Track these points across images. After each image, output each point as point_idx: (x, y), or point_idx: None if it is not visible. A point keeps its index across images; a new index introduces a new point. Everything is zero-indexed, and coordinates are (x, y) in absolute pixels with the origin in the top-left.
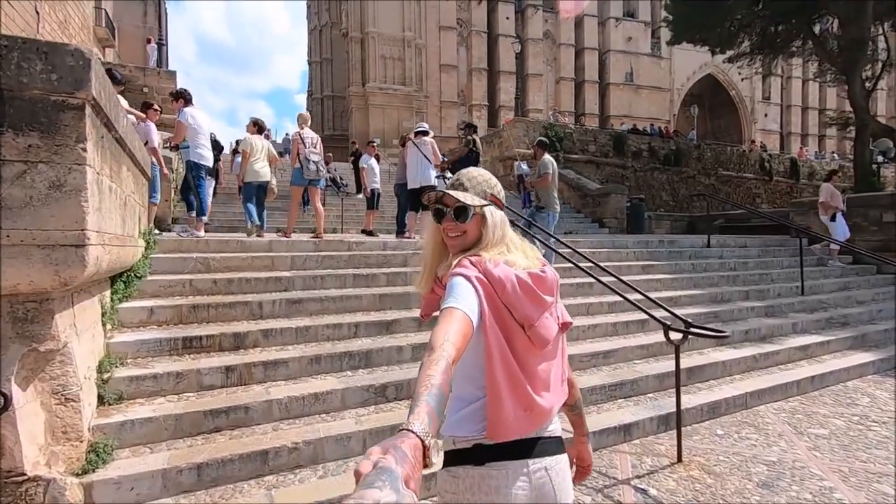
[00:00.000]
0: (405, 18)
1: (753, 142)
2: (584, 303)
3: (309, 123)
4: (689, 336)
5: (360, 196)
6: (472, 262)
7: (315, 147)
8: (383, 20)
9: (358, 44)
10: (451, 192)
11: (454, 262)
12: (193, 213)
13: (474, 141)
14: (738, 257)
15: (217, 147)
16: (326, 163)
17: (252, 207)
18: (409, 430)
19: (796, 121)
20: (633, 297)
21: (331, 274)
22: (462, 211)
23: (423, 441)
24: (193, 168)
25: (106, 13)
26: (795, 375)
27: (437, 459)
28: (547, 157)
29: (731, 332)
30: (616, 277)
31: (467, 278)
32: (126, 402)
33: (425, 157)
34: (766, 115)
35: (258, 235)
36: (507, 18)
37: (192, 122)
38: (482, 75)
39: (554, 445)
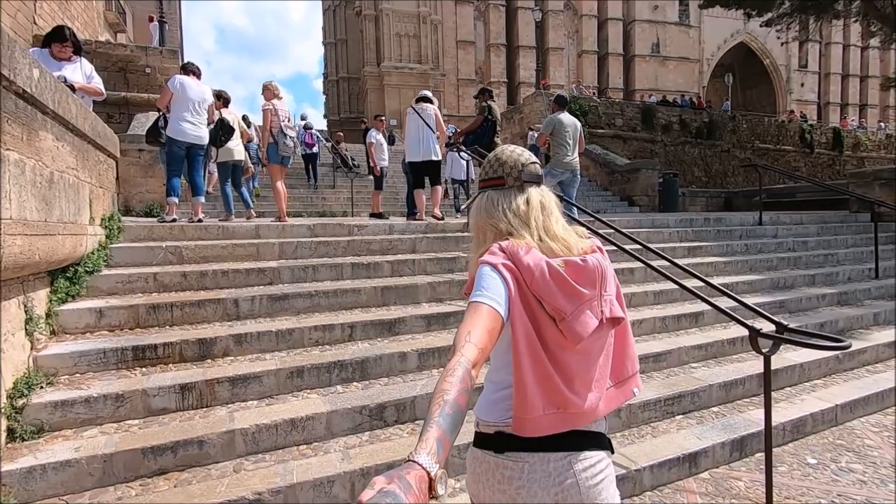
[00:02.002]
0: None
1: (792, 112)
2: (624, 293)
3: (279, 94)
4: (784, 343)
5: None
6: (501, 248)
7: (290, 121)
8: None
9: (372, 21)
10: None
11: (484, 249)
12: (199, 198)
13: (490, 108)
14: (796, 236)
15: (228, 129)
16: (337, 142)
17: (229, 191)
18: (414, 461)
19: (835, 90)
20: (689, 283)
21: (325, 263)
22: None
23: (428, 473)
24: (167, 143)
25: None
26: (890, 380)
27: (444, 491)
28: (553, 114)
29: (804, 324)
30: (669, 261)
31: (493, 266)
32: (46, 437)
33: (427, 125)
34: (802, 85)
35: (248, 218)
36: None
37: (177, 89)
38: (500, 51)
39: (589, 441)
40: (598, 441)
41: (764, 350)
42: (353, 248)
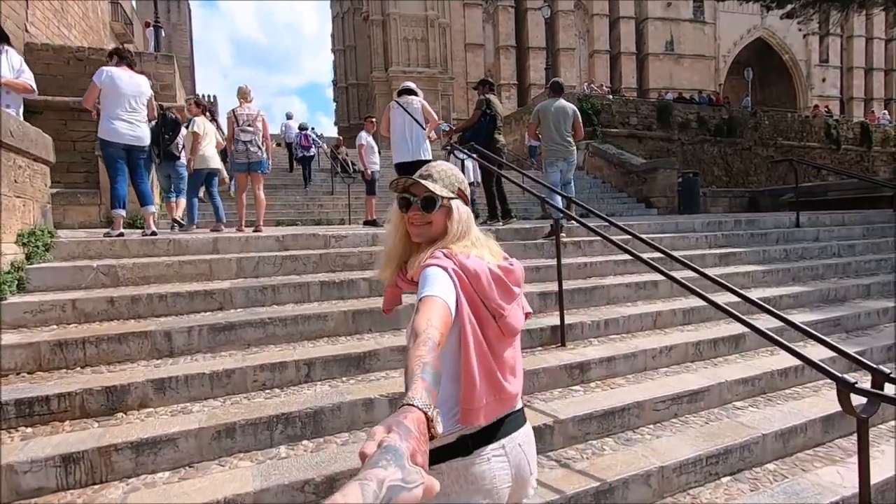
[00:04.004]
0: None
1: (817, 107)
2: (647, 311)
3: (249, 98)
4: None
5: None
6: (445, 255)
7: (250, 125)
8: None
9: (379, 27)
10: (421, 181)
11: (426, 255)
12: (149, 207)
13: (489, 101)
14: (840, 239)
15: (172, 125)
16: (337, 147)
17: (195, 202)
18: (410, 404)
19: (859, 84)
20: (722, 299)
21: (290, 282)
22: (430, 201)
23: (426, 413)
24: (101, 146)
25: (122, 8)
26: None
27: (441, 428)
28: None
29: (867, 348)
30: (703, 275)
31: (444, 269)
32: None
33: (415, 120)
34: (823, 80)
35: (213, 230)
36: None
37: (105, 84)
38: (510, 53)
39: (521, 418)
40: (524, 415)
41: (860, 412)
42: (327, 262)
